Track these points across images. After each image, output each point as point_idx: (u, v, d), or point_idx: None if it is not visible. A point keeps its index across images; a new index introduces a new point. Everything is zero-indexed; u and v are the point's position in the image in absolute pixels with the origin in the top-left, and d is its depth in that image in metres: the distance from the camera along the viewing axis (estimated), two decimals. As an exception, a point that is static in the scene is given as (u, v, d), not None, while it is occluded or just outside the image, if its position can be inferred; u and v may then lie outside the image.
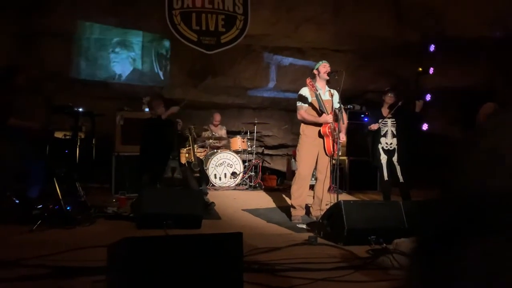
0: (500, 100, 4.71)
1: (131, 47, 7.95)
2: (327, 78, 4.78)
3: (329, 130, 4.66)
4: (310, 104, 4.77)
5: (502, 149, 0.26)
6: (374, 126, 5.40)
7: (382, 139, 5.44)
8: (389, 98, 5.48)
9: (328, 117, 4.63)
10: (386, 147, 5.43)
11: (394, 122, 5.42)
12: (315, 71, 4.87)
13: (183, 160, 6.38)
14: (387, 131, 5.43)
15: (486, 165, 0.27)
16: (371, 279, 2.69)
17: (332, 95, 4.82)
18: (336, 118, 4.70)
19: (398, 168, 5.36)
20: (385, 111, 5.51)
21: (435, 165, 2.98)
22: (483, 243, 0.24)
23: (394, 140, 5.41)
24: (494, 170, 0.26)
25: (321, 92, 4.78)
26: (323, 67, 4.80)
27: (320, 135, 4.72)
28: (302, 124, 4.87)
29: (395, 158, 5.40)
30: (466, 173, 0.28)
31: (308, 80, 4.70)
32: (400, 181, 5.35)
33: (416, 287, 0.28)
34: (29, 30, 7.09)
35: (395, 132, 5.42)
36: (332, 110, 4.74)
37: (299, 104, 4.83)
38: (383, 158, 5.44)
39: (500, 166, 0.25)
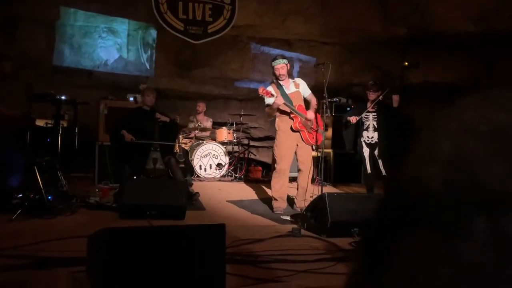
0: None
1: (118, 34, 7.81)
2: (282, 79, 4.72)
3: (300, 124, 4.66)
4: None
5: (438, 141, 0.28)
6: (353, 119, 5.44)
7: (364, 133, 5.49)
8: (371, 92, 5.51)
9: (277, 99, 4.48)
10: (368, 140, 5.47)
11: (376, 116, 5.46)
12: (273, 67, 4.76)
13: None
14: (369, 125, 5.47)
15: (424, 156, 0.28)
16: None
17: (298, 85, 4.80)
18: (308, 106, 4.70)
19: (380, 161, 5.41)
20: (369, 105, 5.55)
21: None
22: (415, 237, 0.25)
23: (376, 134, 5.45)
24: (430, 160, 0.27)
25: (285, 87, 4.74)
26: (280, 68, 4.66)
27: (294, 130, 4.70)
28: (276, 120, 4.81)
29: (376, 152, 5.45)
30: (407, 165, 0.30)
31: (260, 90, 4.59)
32: (383, 174, 5.40)
33: (355, 281, 0.29)
34: (8, 16, 6.89)
35: (376, 126, 5.46)
36: (302, 100, 4.74)
37: (265, 103, 4.74)
38: (366, 151, 5.49)
39: (435, 157, 0.27)
